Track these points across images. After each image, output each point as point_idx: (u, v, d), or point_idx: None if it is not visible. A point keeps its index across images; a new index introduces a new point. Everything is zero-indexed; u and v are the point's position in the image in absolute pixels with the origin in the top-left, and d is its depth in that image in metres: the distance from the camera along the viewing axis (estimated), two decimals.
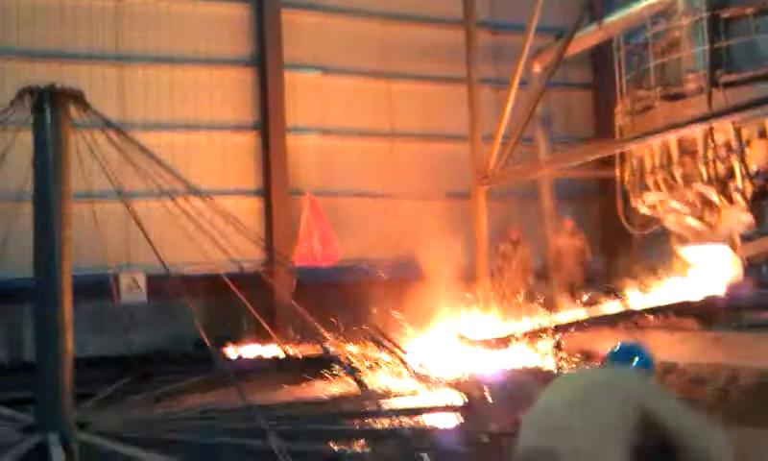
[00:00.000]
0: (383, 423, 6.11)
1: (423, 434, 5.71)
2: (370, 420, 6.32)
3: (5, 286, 8.99)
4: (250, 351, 10.30)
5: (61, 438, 6.46)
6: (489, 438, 5.19)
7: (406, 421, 6.12)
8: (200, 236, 8.22)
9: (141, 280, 9.98)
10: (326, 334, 8.32)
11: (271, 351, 10.00)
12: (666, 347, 7.87)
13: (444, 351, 8.42)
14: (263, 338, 9.88)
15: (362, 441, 5.78)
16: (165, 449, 6.05)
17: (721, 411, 6.09)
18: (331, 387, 8.10)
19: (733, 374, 6.98)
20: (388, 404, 6.66)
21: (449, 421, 6.37)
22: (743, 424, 5.52)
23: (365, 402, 6.60)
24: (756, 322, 7.37)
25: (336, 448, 5.50)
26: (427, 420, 6.41)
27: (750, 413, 5.89)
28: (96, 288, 8.76)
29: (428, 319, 9.32)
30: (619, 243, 10.99)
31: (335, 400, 7.46)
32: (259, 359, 10.04)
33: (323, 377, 8.45)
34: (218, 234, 8.18)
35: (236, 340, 10.32)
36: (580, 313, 9.16)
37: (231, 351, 10.27)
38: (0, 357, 9.41)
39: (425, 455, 4.29)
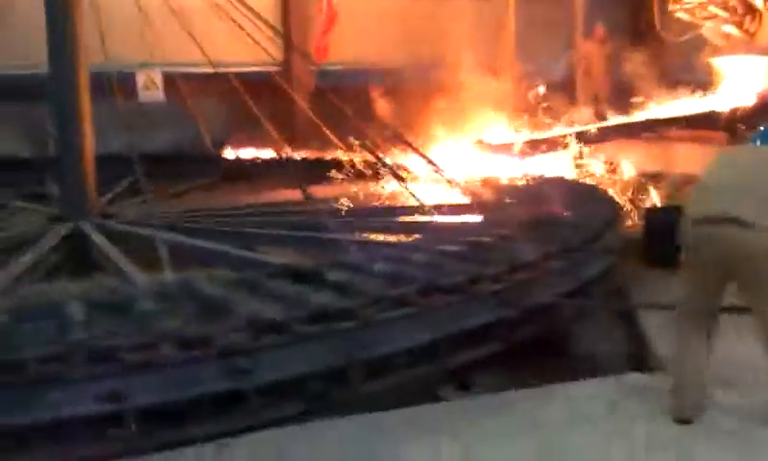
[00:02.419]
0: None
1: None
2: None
3: (24, 81, 8.88)
4: (262, 153, 10.30)
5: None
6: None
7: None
8: (218, 34, 7.99)
9: (158, 79, 9.83)
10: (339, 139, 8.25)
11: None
12: (691, 159, 7.79)
13: (463, 157, 8.35)
14: (279, 142, 9.86)
15: None
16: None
17: None
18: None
19: None
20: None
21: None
22: None
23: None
24: None
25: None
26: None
27: None
28: (111, 86, 8.64)
29: (453, 126, 9.20)
30: (651, 52, 10.58)
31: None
32: (272, 161, 10.05)
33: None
34: (236, 32, 7.95)
35: (252, 143, 10.29)
36: (604, 122, 9.01)
37: (242, 154, 10.27)
38: (23, 153, 9.45)
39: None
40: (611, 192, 7.02)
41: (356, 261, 4.54)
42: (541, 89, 9.93)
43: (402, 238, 5.61)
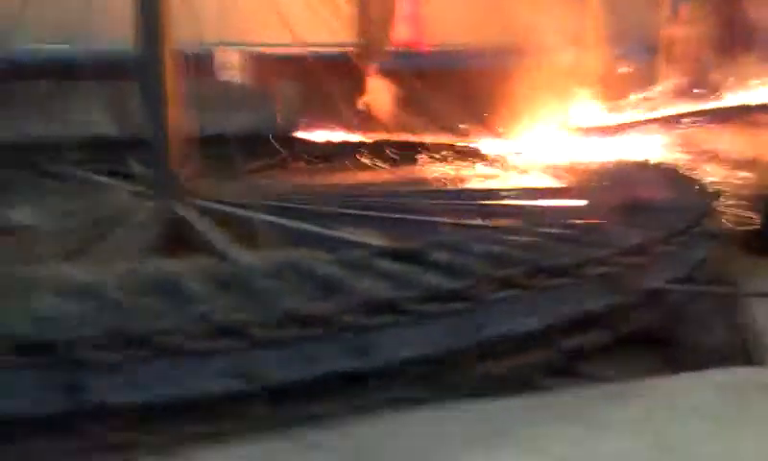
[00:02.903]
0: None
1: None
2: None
3: (112, 58, 9.05)
4: (339, 135, 10.35)
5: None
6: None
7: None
8: (295, 15, 8.00)
9: (236, 59, 9.93)
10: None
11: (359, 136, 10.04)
12: None
13: (550, 141, 8.24)
14: (354, 124, 9.90)
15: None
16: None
17: None
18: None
19: None
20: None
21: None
22: None
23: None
24: None
25: None
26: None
27: None
28: (190, 66, 8.77)
29: (539, 111, 9.07)
30: (741, 35, 10.22)
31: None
32: (351, 143, 10.09)
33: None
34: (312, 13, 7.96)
35: (328, 124, 10.35)
36: (694, 107, 8.78)
37: (319, 135, 10.32)
38: (110, 131, 9.65)
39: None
40: (708, 178, 6.83)
41: (459, 242, 4.52)
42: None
43: (499, 221, 5.55)
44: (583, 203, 5.54)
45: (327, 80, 9.20)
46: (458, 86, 9.18)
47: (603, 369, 3.90)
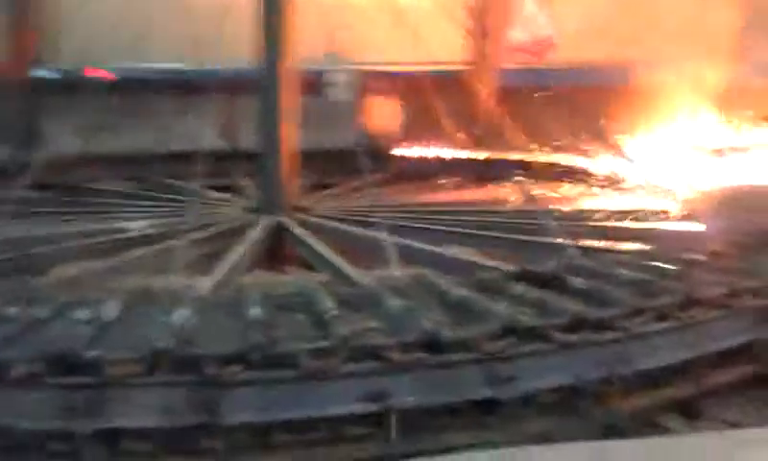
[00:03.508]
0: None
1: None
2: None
3: (223, 75, 9.25)
4: (443, 153, 10.22)
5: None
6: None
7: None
8: (403, 33, 7.94)
9: (347, 78, 9.97)
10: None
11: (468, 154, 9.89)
12: None
13: (670, 161, 7.85)
14: (463, 142, 9.78)
15: None
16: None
17: None
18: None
19: None
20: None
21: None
22: None
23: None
24: None
25: None
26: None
27: None
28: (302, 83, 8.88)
29: (659, 131, 8.70)
30: None
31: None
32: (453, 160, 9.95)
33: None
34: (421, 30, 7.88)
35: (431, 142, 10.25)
36: None
37: (418, 151, 10.22)
38: (216, 145, 9.86)
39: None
40: None
41: (594, 268, 4.31)
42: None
43: (626, 245, 5.29)
44: (718, 229, 5.19)
45: (439, 97, 9.15)
46: (579, 103, 8.91)
47: (724, 411, 3.64)
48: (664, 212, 6.26)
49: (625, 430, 3.45)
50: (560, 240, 5.12)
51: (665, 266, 4.28)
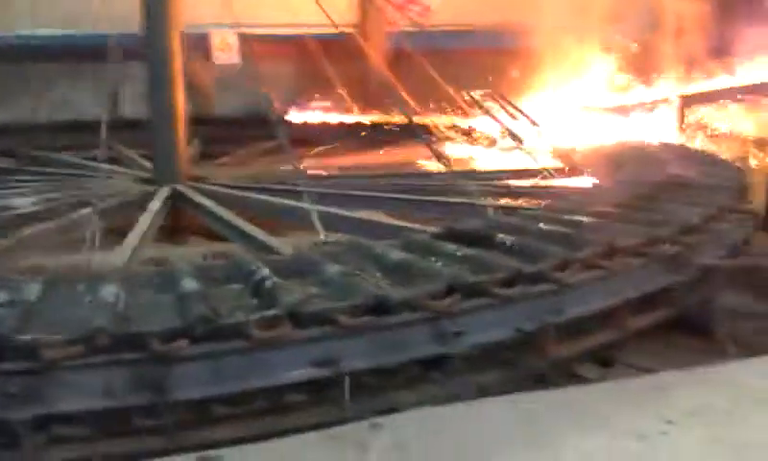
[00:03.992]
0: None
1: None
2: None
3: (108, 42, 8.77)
4: (334, 117, 10.15)
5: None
6: None
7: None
8: None
9: (233, 40, 9.66)
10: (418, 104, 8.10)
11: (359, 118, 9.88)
12: None
13: (564, 121, 8.16)
14: (351, 106, 9.75)
15: None
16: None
17: None
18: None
19: None
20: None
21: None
22: None
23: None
24: None
25: None
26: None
27: None
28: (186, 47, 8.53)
29: (540, 90, 8.99)
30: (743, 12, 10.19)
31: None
32: (339, 125, 9.92)
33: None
34: None
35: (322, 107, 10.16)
36: (704, 84, 8.79)
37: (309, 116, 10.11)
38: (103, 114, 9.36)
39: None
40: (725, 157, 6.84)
41: (517, 224, 4.43)
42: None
43: (537, 202, 5.47)
44: (619, 183, 5.47)
45: (327, 61, 9.03)
46: (461, 66, 9.06)
47: (637, 358, 3.79)
48: (563, 170, 6.52)
49: (553, 379, 3.63)
50: (476, 200, 5.23)
51: (582, 219, 4.47)
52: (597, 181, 5.85)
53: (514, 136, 6.84)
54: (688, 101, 8.45)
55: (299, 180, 6.01)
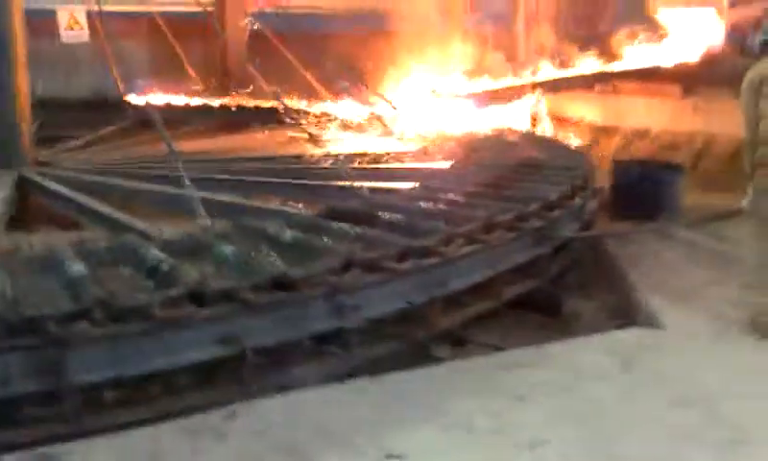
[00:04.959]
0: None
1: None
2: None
3: None
4: (189, 99, 9.87)
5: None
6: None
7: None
8: None
9: (82, 18, 9.11)
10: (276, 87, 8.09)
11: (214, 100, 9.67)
12: (643, 112, 8.24)
13: (413, 106, 8.38)
14: (209, 88, 9.52)
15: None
16: None
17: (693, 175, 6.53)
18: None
19: (709, 140, 7.42)
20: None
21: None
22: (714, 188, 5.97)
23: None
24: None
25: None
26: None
27: (720, 178, 6.30)
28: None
29: (400, 75, 9.20)
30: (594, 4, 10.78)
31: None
32: (197, 108, 9.69)
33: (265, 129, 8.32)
34: None
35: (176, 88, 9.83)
36: (555, 73, 9.33)
37: (158, 99, 9.77)
38: None
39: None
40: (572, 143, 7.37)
41: (396, 204, 4.60)
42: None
43: (406, 183, 5.66)
44: (488, 165, 5.76)
45: (185, 40, 8.77)
46: (322, 49, 9.11)
47: (489, 338, 3.94)
48: (425, 152, 6.78)
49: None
50: (348, 182, 5.34)
51: (456, 198, 4.72)
52: (459, 164, 6.15)
53: (379, 120, 7.00)
54: (543, 88, 8.96)
55: (172, 164, 5.80)
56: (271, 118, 8.44)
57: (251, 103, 9.21)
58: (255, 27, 9.05)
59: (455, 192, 4.86)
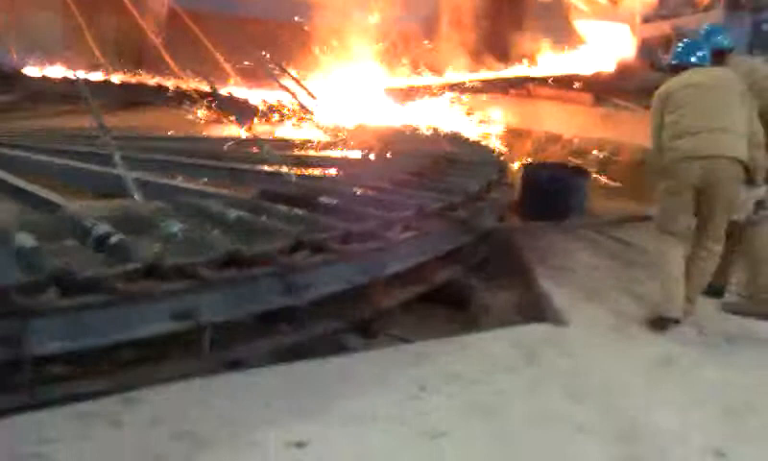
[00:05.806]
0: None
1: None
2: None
3: None
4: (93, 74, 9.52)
5: None
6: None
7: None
8: None
9: None
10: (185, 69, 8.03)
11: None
12: (556, 118, 8.63)
13: (334, 97, 8.48)
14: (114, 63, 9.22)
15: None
16: None
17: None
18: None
19: (616, 148, 7.82)
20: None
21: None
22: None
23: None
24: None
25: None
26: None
27: (626, 183, 6.73)
28: None
29: (322, 65, 9.24)
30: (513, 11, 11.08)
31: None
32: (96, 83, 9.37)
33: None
34: None
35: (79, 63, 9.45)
36: (473, 75, 9.58)
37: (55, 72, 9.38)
38: None
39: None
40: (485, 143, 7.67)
41: (333, 188, 4.74)
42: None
43: (333, 170, 5.78)
44: (411, 156, 5.95)
45: (96, 15, 8.45)
46: (244, 33, 9.02)
47: (399, 330, 3.99)
48: (344, 142, 6.93)
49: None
50: (276, 167, 5.40)
51: (385, 186, 4.91)
52: (381, 155, 6.33)
53: (303, 108, 7.05)
54: (460, 89, 9.24)
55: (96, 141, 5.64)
56: (174, 98, 8.35)
57: (152, 81, 9.05)
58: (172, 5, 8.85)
59: (383, 181, 5.05)
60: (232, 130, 7.11)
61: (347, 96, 8.50)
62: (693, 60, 4.29)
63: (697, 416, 3.13)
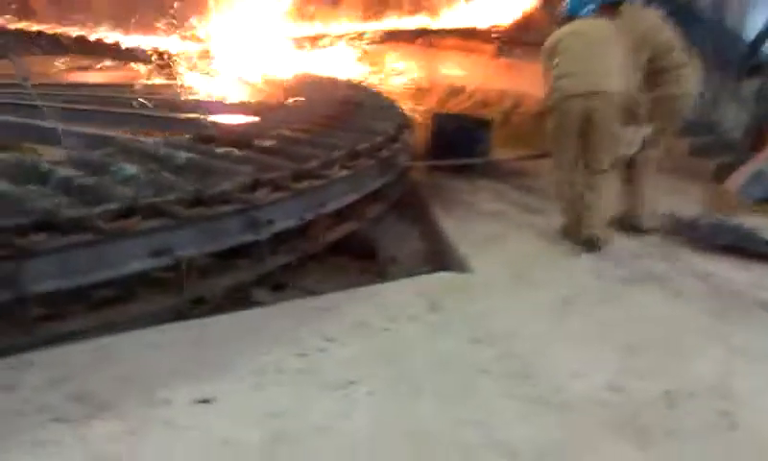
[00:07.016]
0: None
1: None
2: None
3: None
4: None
5: None
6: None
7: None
8: None
9: None
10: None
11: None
12: (458, 69, 8.82)
13: (252, 48, 8.31)
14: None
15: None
16: None
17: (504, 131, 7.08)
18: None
19: (518, 100, 8.07)
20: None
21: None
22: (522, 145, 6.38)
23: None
24: None
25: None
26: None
27: (527, 135, 6.70)
28: None
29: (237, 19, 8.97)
30: None
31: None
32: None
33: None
34: None
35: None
36: (378, 25, 9.62)
37: None
38: None
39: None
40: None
41: (266, 132, 4.88)
42: None
43: (249, 118, 5.85)
44: (323, 102, 6.09)
45: None
46: None
47: (308, 282, 4.06)
48: (262, 92, 6.94)
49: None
50: (194, 114, 5.44)
51: (310, 128, 5.13)
52: (292, 100, 6.45)
53: (205, 55, 6.97)
54: (366, 38, 9.25)
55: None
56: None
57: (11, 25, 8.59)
58: None
59: (305, 124, 5.26)
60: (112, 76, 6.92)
61: (250, 45, 8.43)
62: (584, 12, 4.81)
63: (594, 354, 3.23)
